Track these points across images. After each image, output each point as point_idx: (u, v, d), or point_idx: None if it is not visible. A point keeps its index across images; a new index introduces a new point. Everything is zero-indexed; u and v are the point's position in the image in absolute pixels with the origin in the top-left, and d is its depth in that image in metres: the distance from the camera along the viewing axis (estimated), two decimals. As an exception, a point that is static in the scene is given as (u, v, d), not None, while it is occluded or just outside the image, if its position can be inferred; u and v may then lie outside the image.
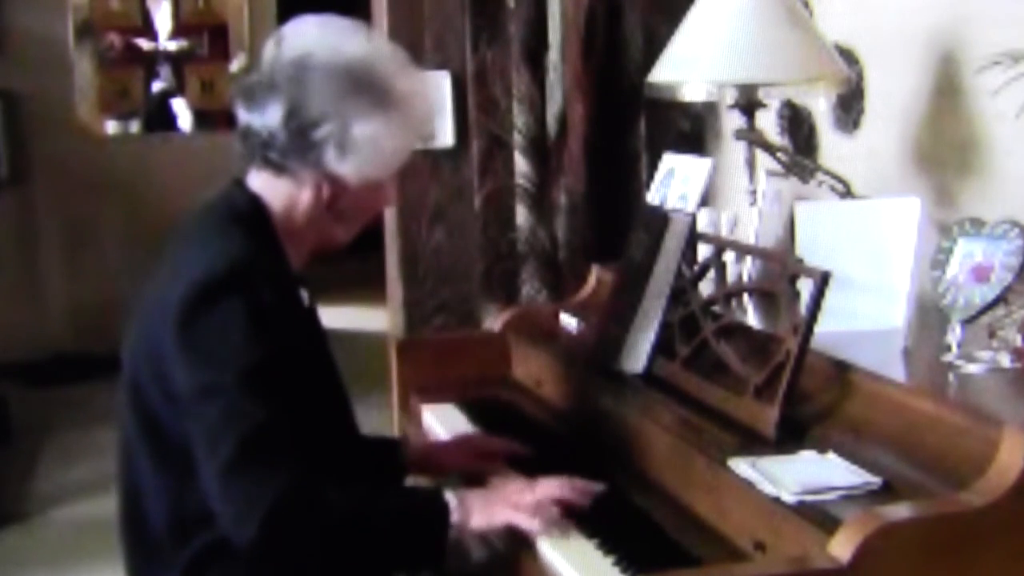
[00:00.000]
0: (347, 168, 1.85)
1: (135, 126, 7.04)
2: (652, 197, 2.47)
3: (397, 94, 1.85)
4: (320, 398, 1.87)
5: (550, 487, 1.85)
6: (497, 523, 1.81)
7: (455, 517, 1.79)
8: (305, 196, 1.87)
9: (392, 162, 1.89)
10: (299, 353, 1.81)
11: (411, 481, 2.21)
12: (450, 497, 1.81)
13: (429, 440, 2.42)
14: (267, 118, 1.84)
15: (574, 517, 1.84)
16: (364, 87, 1.83)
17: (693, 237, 2.20)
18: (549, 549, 1.77)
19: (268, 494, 1.67)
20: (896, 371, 1.94)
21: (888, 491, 1.62)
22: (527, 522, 1.80)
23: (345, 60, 1.84)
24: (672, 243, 2.17)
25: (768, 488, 1.65)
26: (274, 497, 1.67)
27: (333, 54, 1.84)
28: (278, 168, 1.86)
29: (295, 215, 1.88)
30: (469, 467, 2.13)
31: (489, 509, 1.82)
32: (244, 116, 1.87)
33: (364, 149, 1.84)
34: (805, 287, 1.91)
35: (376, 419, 2.65)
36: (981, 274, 1.96)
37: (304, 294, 1.94)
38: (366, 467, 2.05)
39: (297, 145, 1.83)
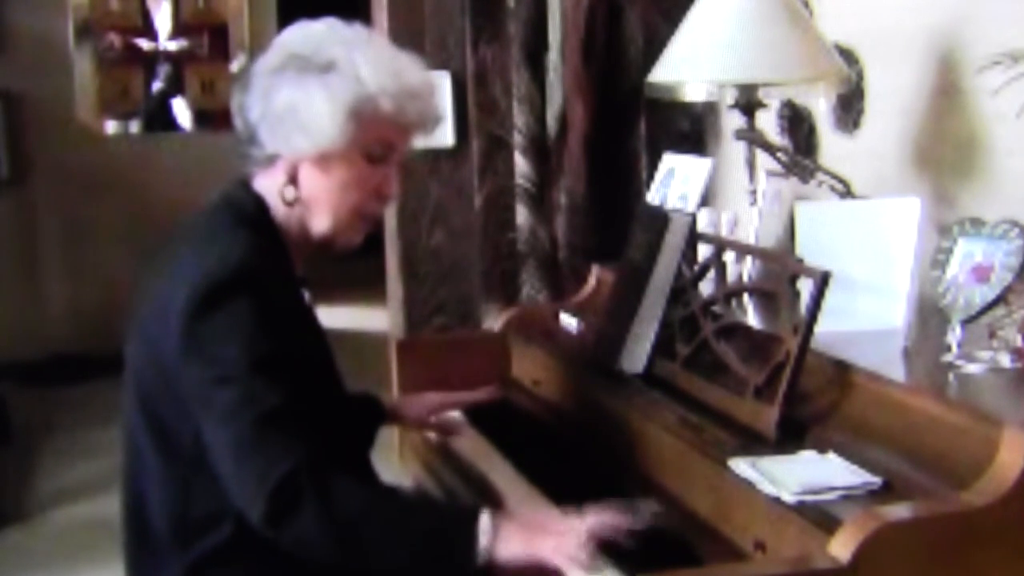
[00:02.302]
0: (281, 144, 1.83)
1: (135, 126, 7.04)
2: (652, 197, 2.47)
3: (320, 60, 1.81)
4: (322, 397, 1.86)
5: (594, 521, 1.71)
6: (535, 555, 1.68)
7: (484, 541, 1.68)
8: (277, 184, 1.87)
9: (329, 131, 1.80)
10: (303, 351, 1.81)
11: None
12: (484, 519, 1.70)
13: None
14: (234, 114, 1.89)
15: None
16: (288, 61, 1.83)
17: (693, 237, 2.20)
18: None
19: (277, 470, 1.67)
20: (896, 371, 1.94)
21: (888, 491, 1.62)
22: (566, 559, 1.67)
23: (285, 47, 1.86)
24: (672, 243, 2.17)
25: (768, 488, 1.65)
26: (282, 473, 1.66)
27: (279, 45, 1.87)
28: (245, 158, 1.88)
29: (278, 209, 1.88)
30: (426, 421, 2.35)
31: (527, 539, 1.70)
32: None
33: (287, 119, 1.81)
34: (805, 287, 1.91)
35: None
36: (981, 274, 1.96)
37: (306, 294, 1.94)
38: (351, 421, 2.07)
39: (247, 133, 1.86)
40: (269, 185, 1.88)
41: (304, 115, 1.80)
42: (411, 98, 1.86)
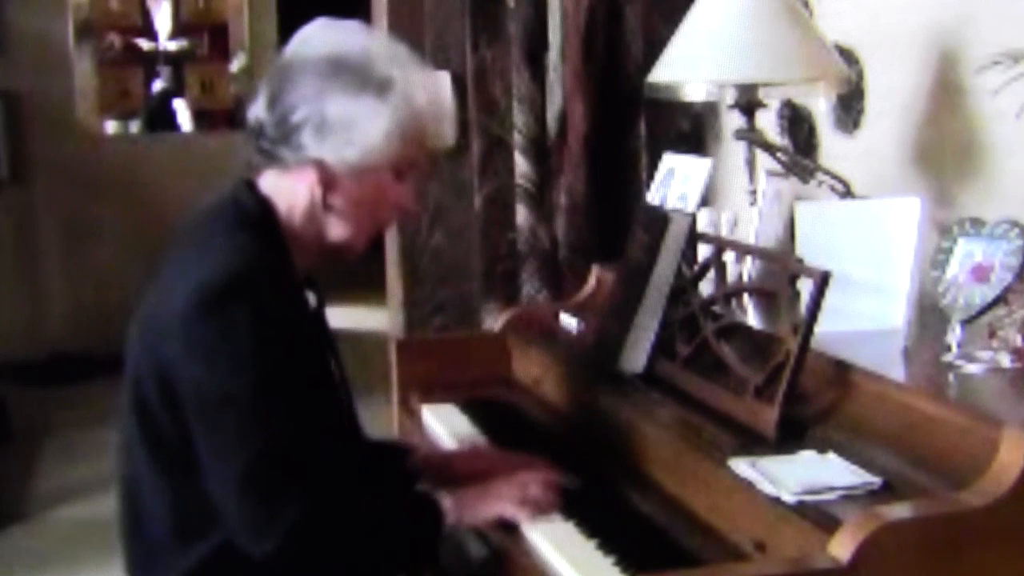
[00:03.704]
0: (328, 151, 1.82)
1: (135, 126, 7.04)
2: (652, 197, 2.47)
3: (379, 77, 1.82)
4: (325, 404, 1.86)
5: (538, 484, 1.92)
6: (489, 516, 1.88)
7: (451, 519, 1.85)
8: (301, 190, 1.85)
9: (378, 147, 1.83)
10: (306, 358, 1.81)
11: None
12: (442, 499, 1.88)
13: (441, 448, 2.35)
14: (256, 108, 1.86)
15: (575, 516, 1.85)
16: (343, 69, 1.82)
17: (693, 237, 2.20)
18: (549, 549, 1.77)
19: (288, 513, 1.70)
20: (896, 371, 1.94)
21: (888, 491, 1.62)
22: (516, 512, 1.87)
23: (330, 48, 1.85)
24: (672, 243, 2.17)
25: (768, 488, 1.65)
26: (294, 517, 1.70)
27: (322, 45, 1.86)
28: (271, 158, 1.85)
29: (295, 213, 1.87)
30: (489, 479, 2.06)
31: (479, 504, 1.89)
32: (247, 114, 1.89)
33: (340, 129, 1.81)
34: (805, 287, 1.91)
35: (377, 419, 2.65)
36: (981, 274, 1.96)
37: (311, 296, 1.93)
38: (374, 472, 2.06)
39: (281, 131, 1.83)
40: (285, 188, 1.86)
41: (358, 128, 1.82)
42: (439, 119, 1.94)
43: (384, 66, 1.84)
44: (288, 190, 1.87)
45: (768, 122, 2.79)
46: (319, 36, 1.89)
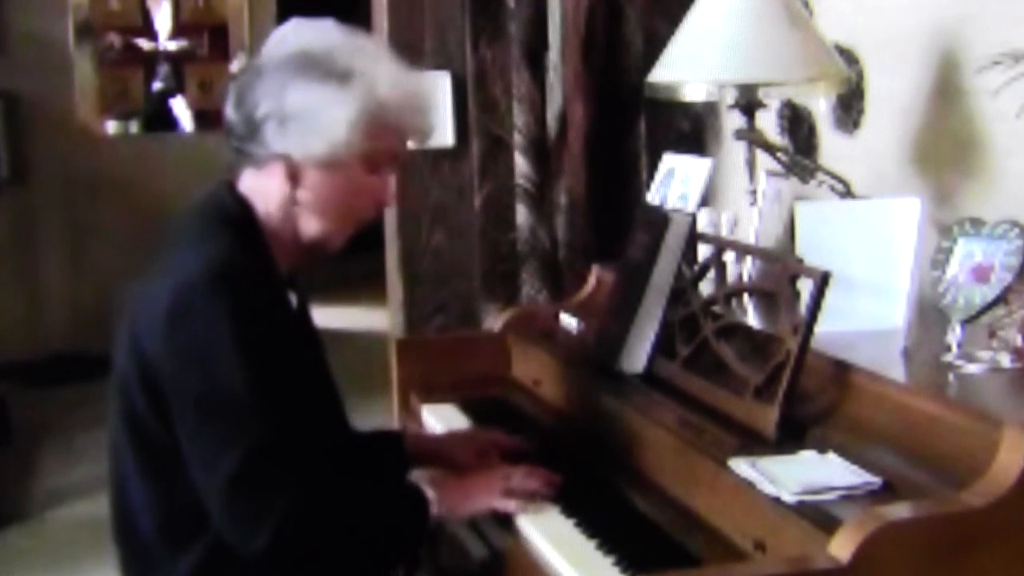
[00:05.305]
0: (292, 145, 1.82)
1: (135, 126, 7.04)
2: (652, 197, 2.47)
3: (340, 68, 1.82)
4: (311, 400, 1.86)
5: (522, 474, 1.95)
6: (478, 508, 1.91)
7: (436, 509, 1.86)
8: (272, 186, 1.86)
9: (343, 139, 1.82)
10: (288, 357, 1.80)
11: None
12: (428, 490, 1.88)
13: (432, 433, 2.42)
14: (227, 108, 1.88)
15: (575, 516, 1.85)
16: (306, 64, 1.83)
17: (693, 237, 2.20)
18: (549, 549, 1.78)
19: (277, 508, 1.70)
20: (896, 371, 1.94)
21: (888, 491, 1.62)
22: (505, 505, 1.89)
23: (298, 46, 1.86)
24: (672, 243, 2.17)
25: (768, 488, 1.65)
26: (284, 511, 1.70)
27: (292, 43, 1.87)
28: (243, 156, 1.87)
29: (271, 211, 1.87)
30: (479, 463, 2.13)
31: (465, 495, 1.92)
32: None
33: (301, 119, 1.81)
34: (805, 287, 1.91)
35: (376, 419, 2.66)
36: (981, 274, 1.96)
37: (292, 296, 1.93)
38: (366, 463, 2.06)
39: (247, 128, 1.84)
40: (259, 186, 1.87)
41: (320, 119, 1.81)
42: (416, 112, 1.91)
43: (346, 58, 1.84)
44: (263, 188, 1.87)
45: (768, 122, 2.79)
46: (291, 35, 1.90)
